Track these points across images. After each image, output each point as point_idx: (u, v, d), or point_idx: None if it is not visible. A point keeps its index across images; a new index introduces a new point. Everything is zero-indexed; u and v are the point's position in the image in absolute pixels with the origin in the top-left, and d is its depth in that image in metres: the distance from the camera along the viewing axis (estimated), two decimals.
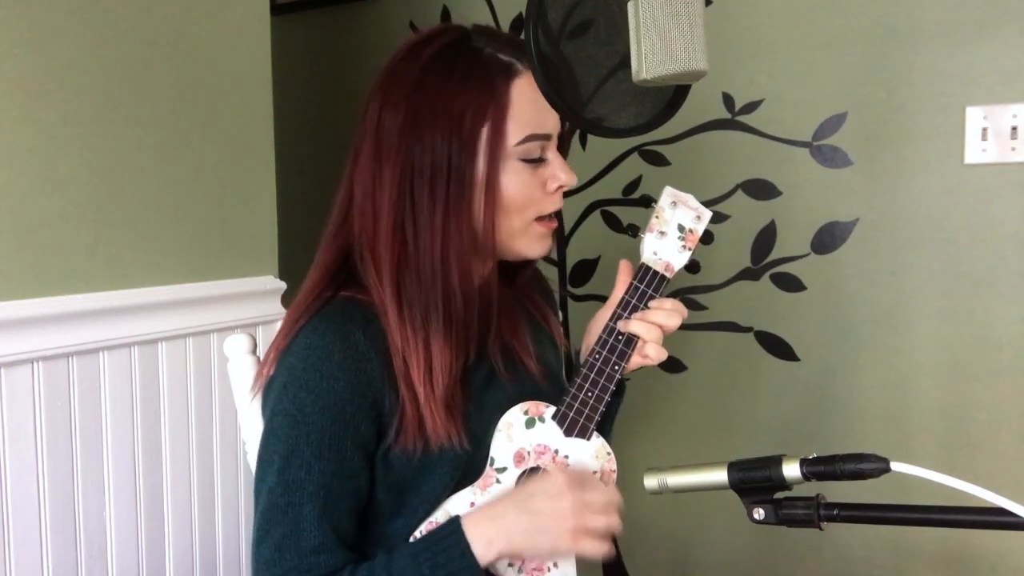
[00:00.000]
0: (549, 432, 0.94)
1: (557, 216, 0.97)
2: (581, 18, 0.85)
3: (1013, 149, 1.45)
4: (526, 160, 0.91)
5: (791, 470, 0.76)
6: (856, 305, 1.62)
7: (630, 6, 0.75)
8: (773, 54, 1.65)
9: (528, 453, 0.93)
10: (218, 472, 1.52)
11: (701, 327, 1.76)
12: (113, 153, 1.32)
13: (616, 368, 0.96)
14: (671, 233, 1.00)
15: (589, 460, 0.94)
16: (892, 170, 1.56)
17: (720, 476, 0.80)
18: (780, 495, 0.78)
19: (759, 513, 0.78)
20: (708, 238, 1.02)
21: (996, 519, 0.69)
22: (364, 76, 2.18)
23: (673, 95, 0.87)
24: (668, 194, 1.01)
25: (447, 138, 0.88)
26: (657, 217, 1.00)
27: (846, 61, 1.58)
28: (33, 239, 1.23)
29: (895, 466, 0.71)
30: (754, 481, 0.78)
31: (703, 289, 1.75)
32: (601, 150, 1.84)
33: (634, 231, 1.02)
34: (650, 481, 0.84)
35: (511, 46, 0.91)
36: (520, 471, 0.93)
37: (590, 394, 0.95)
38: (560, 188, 0.94)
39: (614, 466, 0.95)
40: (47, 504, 1.24)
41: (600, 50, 0.85)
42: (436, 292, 0.89)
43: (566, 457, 0.94)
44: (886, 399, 1.60)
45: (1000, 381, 1.49)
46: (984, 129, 1.47)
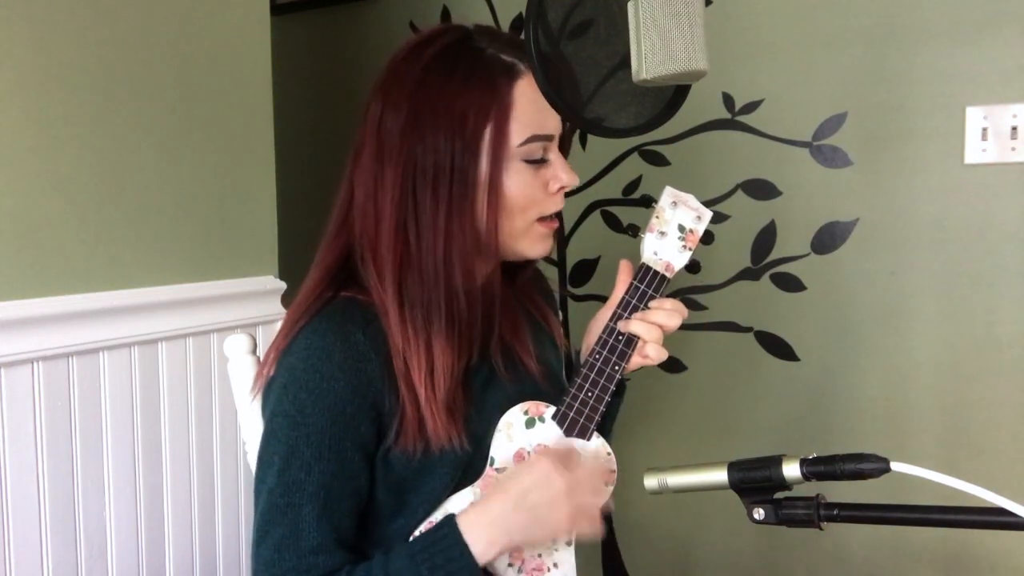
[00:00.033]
0: (549, 432, 0.94)
1: (558, 216, 0.97)
2: (581, 18, 0.85)
3: (1013, 149, 1.45)
4: (528, 161, 0.91)
5: (791, 470, 0.76)
6: (856, 305, 1.62)
7: (630, 6, 0.75)
8: (773, 54, 1.65)
9: (528, 453, 0.93)
10: (218, 472, 1.52)
11: (701, 327, 1.76)
12: (113, 153, 1.32)
13: (616, 368, 0.96)
14: (671, 233, 1.00)
15: (589, 460, 0.94)
16: (892, 170, 1.56)
17: (720, 476, 0.80)
18: (780, 495, 0.78)
19: (759, 513, 0.78)
20: (708, 238, 1.02)
21: (996, 519, 0.69)
22: (364, 76, 2.18)
23: (673, 95, 0.87)
24: (668, 194, 1.01)
25: (450, 139, 0.87)
26: (657, 217, 1.00)
27: (846, 61, 1.58)
28: (33, 239, 1.23)
29: (895, 466, 0.71)
30: (754, 481, 0.78)
31: (703, 289, 1.75)
32: (601, 150, 1.84)
33: (634, 231, 1.02)
34: (650, 481, 0.84)
35: (513, 47, 0.91)
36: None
37: (590, 394, 0.95)
38: (562, 189, 0.94)
39: (614, 466, 0.95)
40: (47, 504, 1.24)
41: (600, 50, 0.85)
42: (439, 293, 0.89)
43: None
44: (886, 399, 1.60)
45: (1000, 381, 1.49)
46: (984, 129, 1.47)
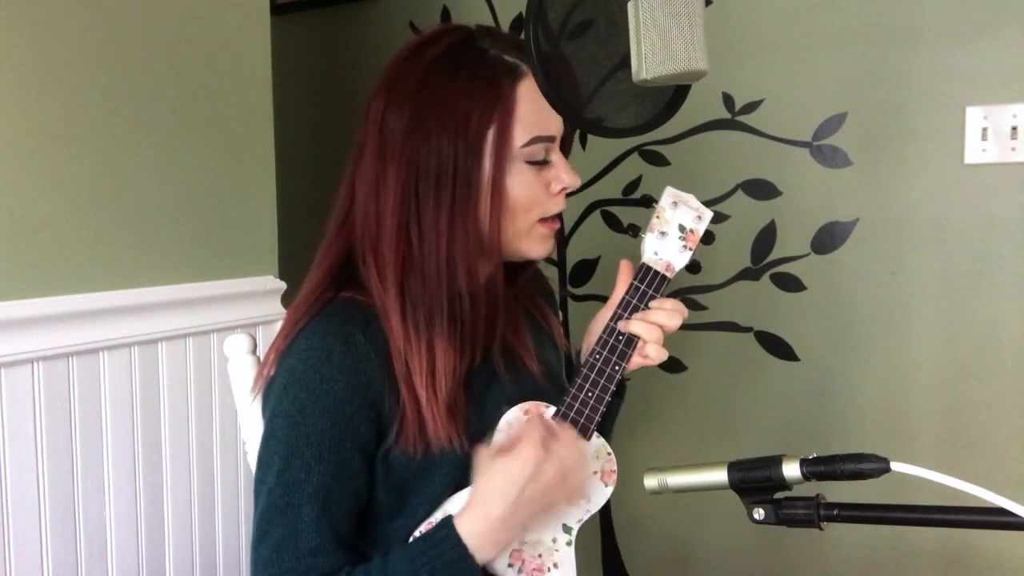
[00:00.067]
0: None
1: (558, 217, 0.97)
2: (581, 18, 0.85)
3: (1013, 149, 1.45)
4: (531, 162, 0.91)
5: (791, 470, 0.76)
6: (856, 305, 1.62)
7: (630, 6, 0.75)
8: (773, 54, 1.65)
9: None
10: (218, 472, 1.52)
11: (701, 327, 1.76)
12: (113, 153, 1.32)
13: (616, 368, 0.96)
14: (672, 233, 1.00)
15: (590, 460, 0.94)
16: (892, 170, 1.56)
17: (720, 476, 0.80)
18: (780, 495, 0.78)
19: (759, 513, 0.78)
20: (709, 238, 1.02)
21: (996, 519, 0.69)
22: (364, 76, 2.18)
23: (673, 95, 0.87)
24: (669, 194, 1.01)
25: (453, 140, 0.87)
26: (658, 217, 1.00)
27: (846, 61, 1.58)
28: (33, 239, 1.23)
29: (895, 466, 0.71)
30: (754, 481, 0.78)
31: (703, 289, 1.75)
32: (601, 150, 1.84)
33: (635, 231, 1.01)
34: (650, 481, 0.84)
35: (515, 48, 0.90)
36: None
37: (590, 394, 0.94)
38: (564, 190, 0.94)
39: (614, 466, 0.95)
40: (47, 504, 1.24)
41: (600, 50, 0.85)
42: (441, 294, 0.89)
43: None
44: (886, 399, 1.60)
45: (1000, 381, 1.49)
46: (984, 129, 1.46)
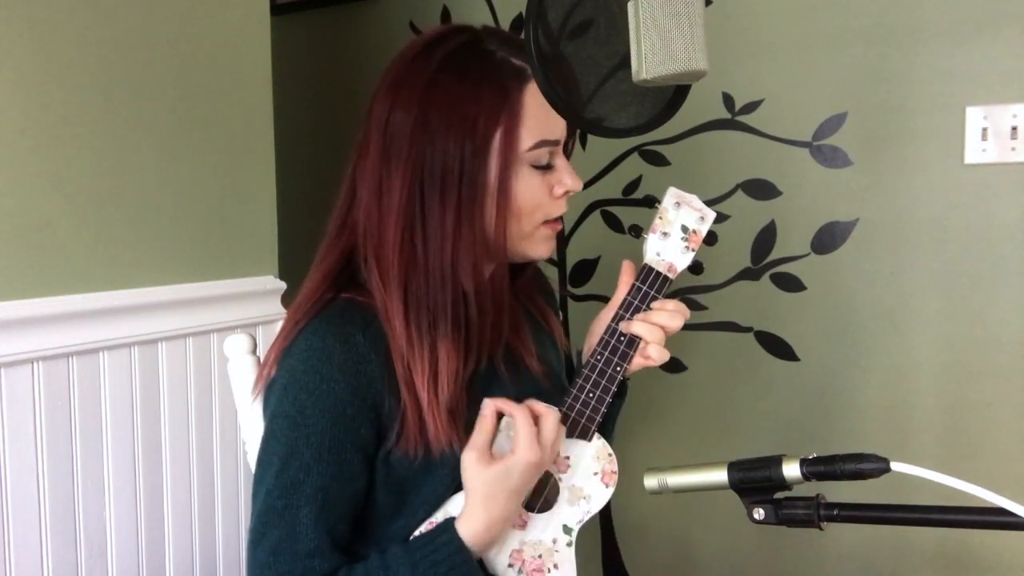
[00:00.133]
0: None
1: (560, 218, 0.97)
2: (581, 18, 0.85)
3: (1013, 149, 1.45)
4: (535, 166, 0.91)
5: (791, 470, 0.76)
6: (856, 305, 1.62)
7: (630, 6, 0.75)
8: (773, 54, 1.65)
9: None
10: (218, 472, 1.51)
11: (701, 327, 1.76)
12: (113, 153, 1.32)
13: (618, 369, 0.96)
14: (674, 234, 0.99)
15: (590, 461, 0.94)
16: (892, 170, 1.56)
17: (720, 476, 0.80)
18: (780, 495, 0.78)
19: (759, 513, 0.78)
20: (712, 239, 1.01)
21: (996, 519, 0.69)
22: (364, 76, 2.18)
23: (673, 95, 0.87)
24: (672, 195, 1.01)
25: (459, 142, 0.87)
26: (660, 218, 1.00)
27: (846, 61, 1.58)
28: (33, 239, 1.23)
29: (895, 466, 0.71)
30: (754, 481, 0.78)
31: (703, 289, 1.75)
32: (601, 150, 1.84)
33: (637, 232, 1.01)
34: (650, 481, 0.84)
35: (522, 50, 0.90)
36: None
37: (591, 395, 0.94)
38: (567, 193, 0.94)
39: (615, 467, 0.95)
40: (47, 504, 1.24)
41: (600, 50, 0.85)
42: (445, 297, 0.89)
43: (567, 458, 0.94)
44: (886, 399, 1.60)
45: (1000, 381, 1.49)
46: (984, 129, 1.46)
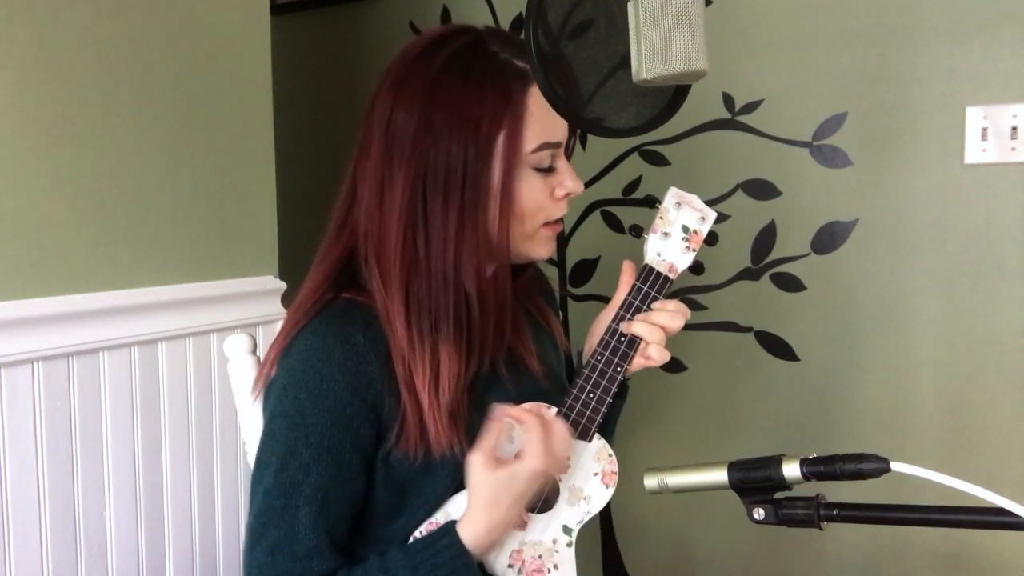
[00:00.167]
0: None
1: (560, 219, 0.97)
2: (581, 18, 0.85)
3: (1013, 149, 1.45)
4: (537, 169, 0.91)
5: (791, 470, 0.76)
6: (856, 305, 1.62)
7: (630, 6, 0.75)
8: (773, 54, 1.65)
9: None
10: (218, 472, 1.51)
11: (701, 327, 1.76)
12: (113, 153, 1.32)
13: (618, 370, 0.96)
14: (675, 234, 0.99)
15: (590, 461, 0.94)
16: (892, 170, 1.56)
17: (720, 476, 0.80)
18: (780, 495, 0.78)
19: (759, 513, 0.78)
20: (713, 239, 1.01)
21: (996, 519, 0.69)
22: (364, 76, 2.18)
23: (673, 95, 0.87)
24: (672, 195, 1.01)
25: (463, 143, 0.87)
26: (661, 218, 1.00)
27: (846, 61, 1.58)
28: (33, 239, 1.23)
29: (895, 466, 0.71)
30: (754, 481, 0.78)
31: (703, 289, 1.75)
32: (601, 150, 1.84)
33: (638, 232, 1.01)
34: (650, 481, 0.84)
35: (525, 52, 0.90)
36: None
37: (592, 395, 0.94)
38: (568, 195, 0.94)
39: (615, 468, 0.95)
40: (47, 504, 1.24)
41: (600, 50, 0.85)
42: (447, 299, 0.89)
43: (567, 459, 0.94)
44: (886, 399, 1.60)
45: (1000, 381, 1.49)
46: (984, 129, 1.46)
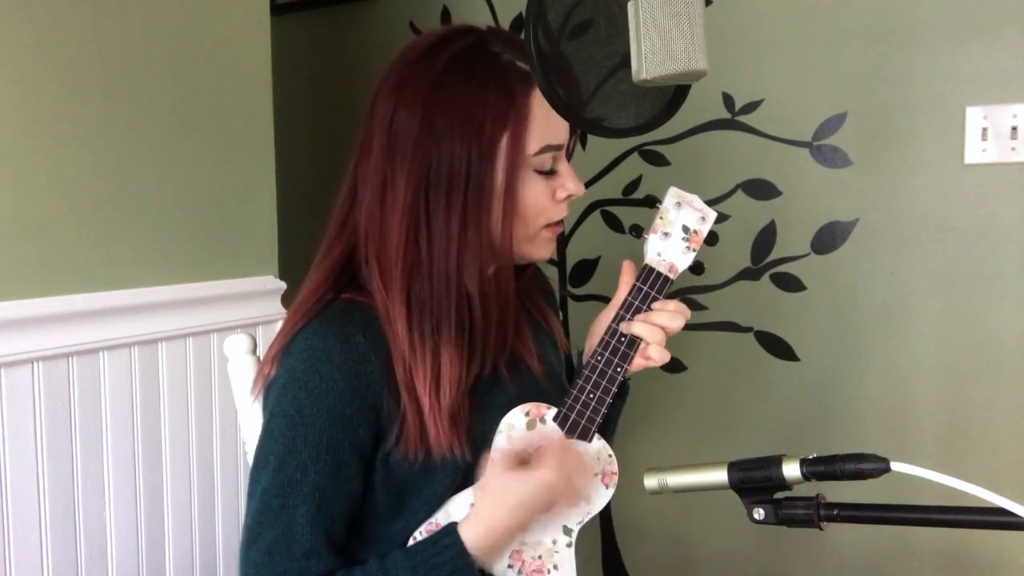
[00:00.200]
0: (550, 434, 0.93)
1: (560, 220, 0.97)
2: (581, 18, 0.85)
3: (1013, 149, 1.45)
4: (539, 171, 0.91)
5: (791, 470, 0.76)
6: (856, 305, 1.62)
7: (630, 6, 0.75)
8: (773, 54, 1.65)
9: (529, 455, 0.93)
10: (218, 472, 1.51)
11: (701, 327, 1.76)
12: (113, 153, 1.32)
13: (618, 370, 0.96)
14: (675, 234, 0.99)
15: (590, 462, 0.94)
16: (892, 170, 1.56)
17: (720, 476, 0.80)
18: (780, 495, 0.78)
19: (759, 513, 0.78)
20: (713, 239, 1.01)
21: (996, 519, 0.69)
22: (364, 76, 2.18)
23: (673, 95, 0.87)
24: (673, 195, 1.01)
25: (466, 145, 0.86)
26: (661, 218, 0.99)
27: (846, 61, 1.58)
28: (33, 239, 1.23)
29: (895, 466, 0.71)
30: (754, 481, 0.78)
31: (703, 289, 1.75)
32: (601, 150, 1.84)
33: (638, 232, 1.01)
34: (650, 481, 0.84)
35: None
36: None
37: (592, 396, 0.94)
38: (569, 197, 0.94)
39: (615, 468, 0.95)
40: (47, 504, 1.24)
41: (600, 50, 0.85)
42: (449, 301, 0.89)
43: None
44: (886, 399, 1.60)
45: (1000, 381, 1.49)
46: (984, 129, 1.46)
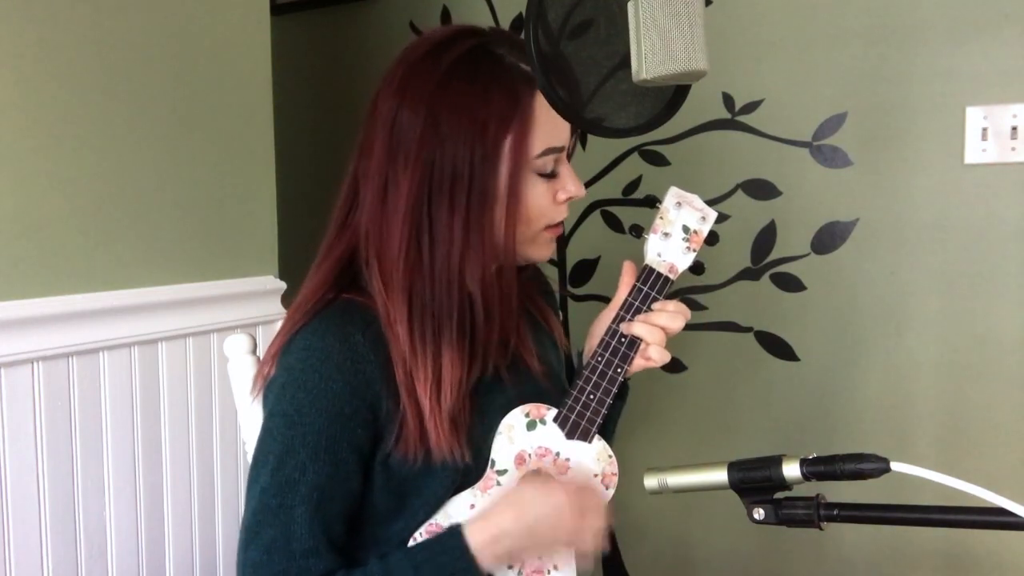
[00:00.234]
0: (550, 434, 0.93)
1: (560, 222, 0.97)
2: (581, 18, 0.85)
3: (1013, 149, 1.45)
4: (540, 173, 0.91)
5: (791, 470, 0.76)
6: (856, 305, 1.62)
7: (630, 6, 0.75)
8: (773, 54, 1.65)
9: (529, 455, 0.93)
10: (218, 472, 1.52)
11: (701, 327, 1.76)
12: (113, 153, 1.32)
13: (619, 371, 0.96)
14: (675, 234, 0.99)
15: (590, 463, 0.94)
16: (892, 170, 1.56)
17: (720, 476, 0.80)
18: (780, 495, 0.78)
19: (759, 513, 0.78)
20: (714, 240, 1.01)
21: (996, 519, 0.69)
22: (364, 76, 2.18)
23: (673, 95, 0.87)
24: (673, 194, 1.01)
25: (469, 147, 0.86)
26: (661, 218, 0.99)
27: (846, 61, 1.58)
28: (33, 239, 1.23)
29: (895, 466, 0.71)
30: (754, 481, 0.78)
31: (703, 289, 1.75)
32: (601, 150, 1.84)
33: (638, 232, 1.01)
34: (650, 481, 0.84)
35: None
36: (520, 474, 0.93)
37: (592, 396, 0.94)
38: (569, 199, 0.94)
39: (615, 469, 0.95)
40: (47, 504, 1.24)
41: (600, 50, 0.85)
42: (451, 303, 0.89)
43: (567, 460, 0.94)
44: (886, 399, 1.60)
45: (1000, 381, 1.49)
46: (984, 129, 1.46)
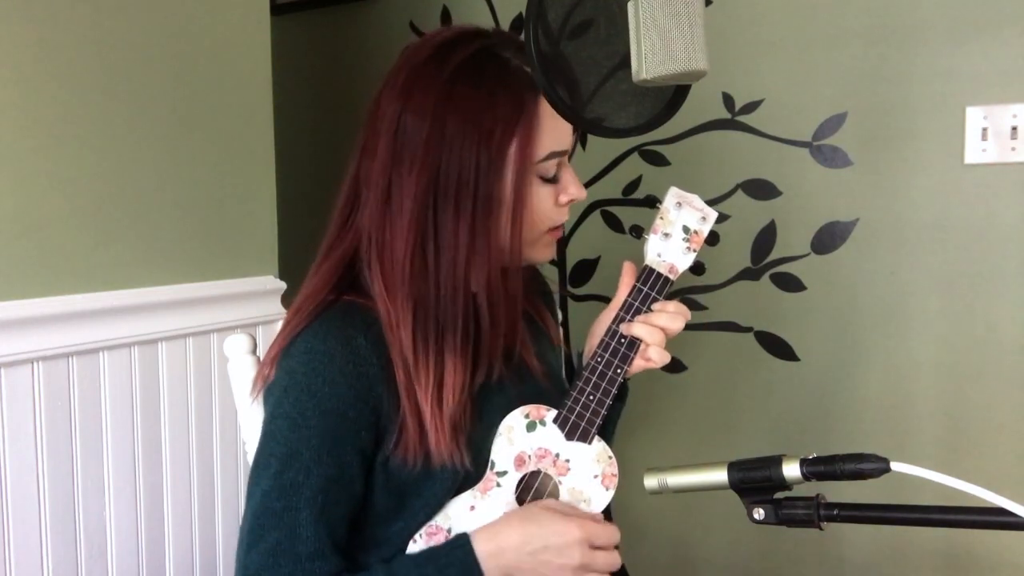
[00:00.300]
0: (550, 435, 0.93)
1: (561, 224, 0.97)
2: (581, 18, 0.85)
3: (1013, 149, 1.45)
4: (543, 177, 0.91)
5: (791, 470, 0.76)
6: (856, 305, 1.62)
7: (630, 6, 0.75)
8: (773, 54, 1.65)
9: (529, 457, 0.93)
10: (218, 472, 1.52)
11: (701, 327, 1.76)
12: (113, 153, 1.32)
13: (618, 371, 0.95)
14: (675, 235, 0.99)
15: (590, 464, 0.94)
16: (892, 170, 1.56)
17: (720, 476, 0.80)
18: (780, 495, 0.78)
19: (759, 513, 0.78)
20: (714, 240, 1.01)
21: (996, 519, 0.69)
22: (364, 76, 2.18)
23: (673, 95, 0.87)
24: (673, 195, 1.01)
25: (475, 152, 0.86)
26: (662, 218, 0.99)
27: (846, 61, 1.58)
28: (33, 239, 1.23)
29: (895, 466, 0.71)
30: (754, 481, 0.78)
31: (703, 289, 1.75)
32: (601, 150, 1.84)
33: (638, 232, 1.01)
34: (650, 481, 0.84)
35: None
36: (520, 475, 0.93)
37: (592, 397, 0.94)
38: (571, 201, 0.94)
39: (615, 470, 0.94)
40: (47, 504, 1.24)
41: (600, 50, 0.85)
42: (456, 308, 0.89)
43: (567, 461, 0.94)
44: (886, 399, 1.60)
45: (1000, 381, 1.49)
46: (984, 129, 1.46)
